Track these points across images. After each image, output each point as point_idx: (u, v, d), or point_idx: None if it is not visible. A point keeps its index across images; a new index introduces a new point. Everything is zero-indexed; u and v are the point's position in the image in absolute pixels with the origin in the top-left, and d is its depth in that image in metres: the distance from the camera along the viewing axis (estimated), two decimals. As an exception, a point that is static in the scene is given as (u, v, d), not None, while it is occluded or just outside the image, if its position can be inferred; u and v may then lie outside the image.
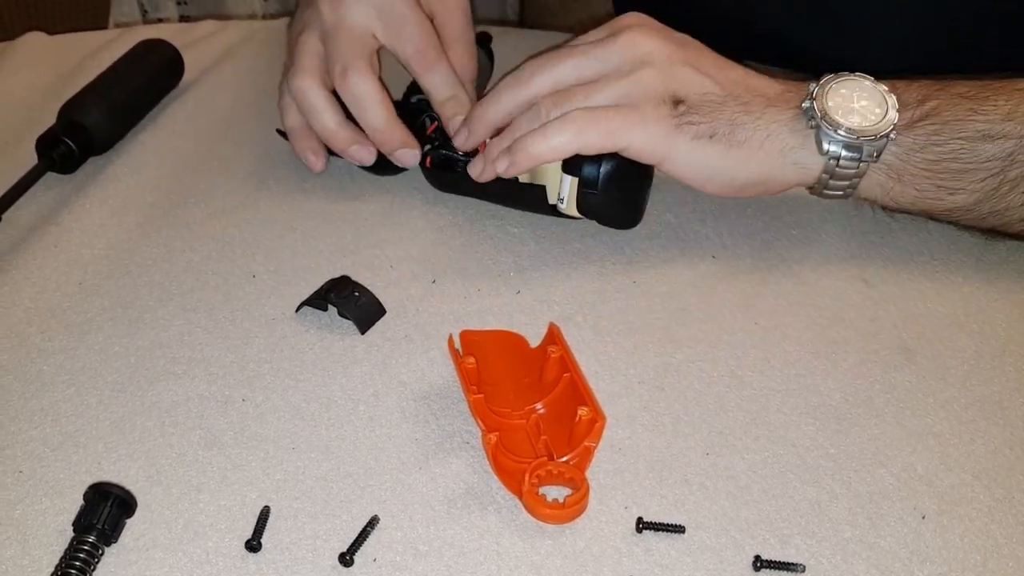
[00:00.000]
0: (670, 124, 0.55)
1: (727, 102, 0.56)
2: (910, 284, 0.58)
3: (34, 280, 0.57)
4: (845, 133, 0.54)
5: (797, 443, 0.48)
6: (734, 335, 0.54)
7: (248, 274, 0.58)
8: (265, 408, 0.50)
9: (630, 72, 0.56)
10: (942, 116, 0.55)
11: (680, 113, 0.55)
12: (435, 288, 0.57)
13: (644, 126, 0.55)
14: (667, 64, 0.56)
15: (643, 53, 0.56)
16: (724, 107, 0.56)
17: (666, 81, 0.56)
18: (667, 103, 0.55)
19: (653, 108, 0.55)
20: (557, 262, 0.59)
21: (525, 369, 0.52)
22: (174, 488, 0.46)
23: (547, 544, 0.44)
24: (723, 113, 0.55)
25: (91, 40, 0.81)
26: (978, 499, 0.46)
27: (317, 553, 0.43)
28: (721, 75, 0.57)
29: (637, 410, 0.50)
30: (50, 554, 0.42)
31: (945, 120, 0.55)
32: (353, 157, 0.63)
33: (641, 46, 0.57)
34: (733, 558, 0.43)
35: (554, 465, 0.45)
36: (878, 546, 0.44)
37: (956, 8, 0.74)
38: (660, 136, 0.55)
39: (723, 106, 0.56)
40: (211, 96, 0.74)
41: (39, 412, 0.49)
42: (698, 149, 0.55)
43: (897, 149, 0.55)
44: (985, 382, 0.52)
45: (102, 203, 0.63)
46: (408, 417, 0.49)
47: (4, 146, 0.68)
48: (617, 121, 0.55)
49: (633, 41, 0.57)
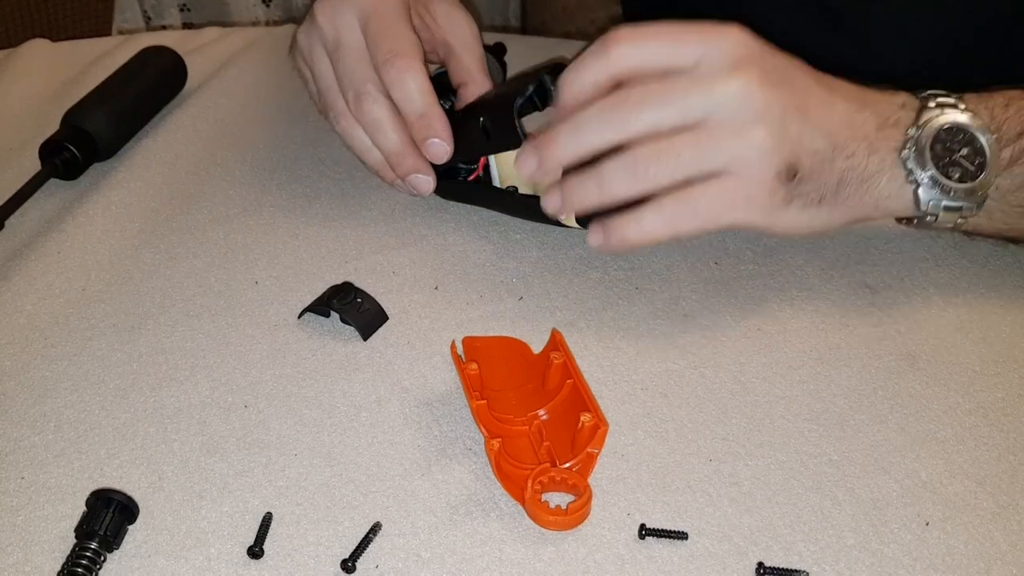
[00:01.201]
0: (780, 200, 0.51)
1: (835, 157, 0.52)
2: (914, 290, 0.58)
3: (37, 286, 0.57)
4: (944, 192, 0.52)
5: (800, 449, 0.48)
6: (737, 341, 0.54)
7: (251, 280, 0.58)
8: (267, 414, 0.50)
9: (741, 131, 0.49)
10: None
11: (793, 187, 0.51)
12: (438, 294, 0.57)
13: (751, 206, 0.50)
14: (780, 120, 0.50)
15: (757, 105, 0.49)
16: (832, 165, 0.52)
17: (780, 147, 0.50)
18: (781, 176, 0.50)
19: (765, 185, 0.50)
20: (560, 268, 0.59)
21: (528, 375, 0.52)
22: (176, 494, 0.46)
23: (550, 551, 0.44)
24: (832, 173, 0.52)
25: (94, 47, 0.81)
26: (982, 506, 0.46)
27: (319, 559, 0.43)
28: (828, 118, 0.52)
29: (640, 416, 0.50)
30: (52, 560, 0.42)
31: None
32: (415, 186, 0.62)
33: (755, 97, 0.49)
34: (736, 565, 0.43)
35: (557, 471, 0.45)
36: (881, 553, 0.44)
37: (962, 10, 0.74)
38: (767, 213, 0.51)
39: (831, 164, 0.52)
40: (214, 103, 0.74)
41: (41, 418, 0.49)
42: (804, 216, 0.52)
43: (994, 191, 0.53)
44: (989, 388, 0.52)
45: (105, 209, 0.63)
46: (410, 423, 0.49)
47: (8, 152, 0.68)
48: (721, 205, 0.50)
49: (746, 88, 0.49)
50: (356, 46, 0.61)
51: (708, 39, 0.51)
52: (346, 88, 0.61)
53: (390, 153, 0.61)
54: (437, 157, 0.60)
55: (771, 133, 0.50)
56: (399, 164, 0.61)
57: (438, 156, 0.60)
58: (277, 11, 1.89)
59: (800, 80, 0.52)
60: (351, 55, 0.61)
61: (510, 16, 1.77)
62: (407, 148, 0.61)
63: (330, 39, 0.62)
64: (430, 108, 0.60)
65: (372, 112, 0.60)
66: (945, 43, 0.77)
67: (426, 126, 0.60)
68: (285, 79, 0.78)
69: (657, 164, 0.50)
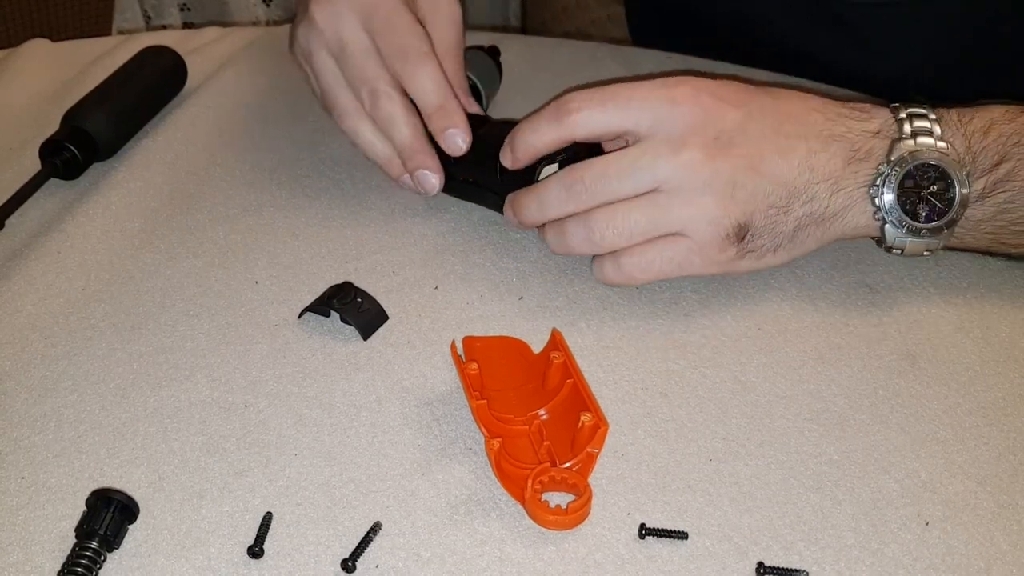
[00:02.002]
0: (732, 256, 0.54)
1: (791, 205, 0.53)
2: (914, 290, 0.58)
3: (37, 286, 0.57)
4: (911, 232, 0.53)
5: (800, 449, 0.48)
6: (737, 341, 0.54)
7: (251, 280, 0.58)
8: (267, 414, 0.50)
9: (689, 201, 0.52)
10: (1016, 181, 0.53)
11: (743, 245, 0.53)
12: (438, 294, 0.57)
13: (703, 263, 0.54)
14: (729, 185, 0.52)
15: (704, 176, 0.52)
16: (788, 214, 0.53)
17: (729, 210, 0.52)
18: (730, 238, 0.53)
19: (714, 245, 0.53)
20: (560, 268, 0.59)
21: (528, 375, 0.52)
22: (176, 494, 0.46)
23: (550, 550, 0.44)
24: (786, 223, 0.53)
25: (94, 47, 0.81)
26: (982, 505, 0.46)
27: (319, 559, 0.43)
28: (783, 168, 0.53)
29: (640, 416, 0.50)
30: (52, 560, 0.42)
31: (1020, 187, 0.53)
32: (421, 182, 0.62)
33: (702, 169, 0.52)
34: (736, 564, 0.43)
35: (557, 471, 0.45)
36: (881, 553, 0.44)
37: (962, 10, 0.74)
38: (720, 267, 0.54)
39: (787, 213, 0.53)
40: (214, 103, 0.74)
41: (41, 418, 0.49)
42: (760, 262, 0.55)
43: (964, 222, 0.54)
44: (989, 388, 0.52)
45: (105, 209, 0.63)
46: (411, 423, 0.49)
47: (8, 152, 0.68)
48: (674, 263, 0.53)
49: (692, 161, 0.52)
50: (362, 45, 0.61)
51: (657, 108, 0.53)
52: (358, 87, 0.61)
53: (404, 148, 0.61)
54: (454, 149, 0.60)
55: (718, 201, 0.52)
56: (411, 159, 0.61)
57: (455, 147, 0.60)
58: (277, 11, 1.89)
59: (754, 133, 0.53)
60: (358, 54, 0.61)
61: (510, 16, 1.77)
62: (420, 143, 0.61)
63: (332, 40, 0.62)
64: (447, 100, 0.60)
65: (387, 108, 0.60)
66: (945, 43, 0.77)
67: (444, 116, 0.60)
68: (285, 79, 0.78)
69: (612, 230, 0.53)
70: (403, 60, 0.60)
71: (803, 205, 0.53)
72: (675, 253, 0.53)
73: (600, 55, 0.82)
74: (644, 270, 0.54)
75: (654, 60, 0.80)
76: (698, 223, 0.52)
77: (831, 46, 0.79)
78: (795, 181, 0.53)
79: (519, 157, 0.57)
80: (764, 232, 0.53)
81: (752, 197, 0.52)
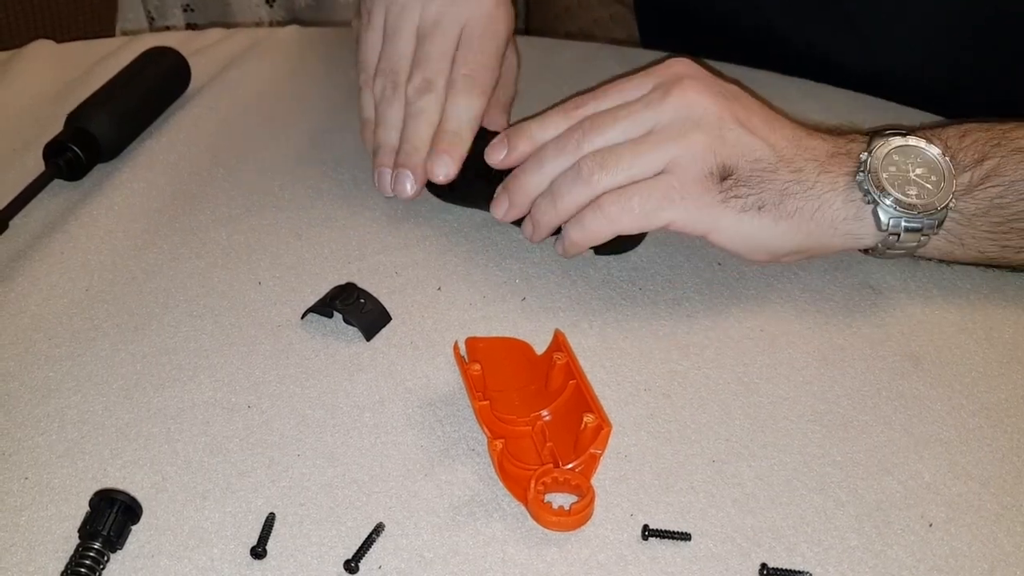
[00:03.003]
0: (715, 199, 0.53)
1: (778, 168, 0.54)
2: (917, 291, 0.58)
3: (41, 287, 0.57)
4: (904, 209, 0.52)
5: (803, 450, 0.48)
6: (740, 342, 0.54)
7: (254, 281, 0.58)
8: (270, 415, 0.50)
9: (679, 136, 0.53)
10: (1004, 176, 0.53)
11: (727, 187, 0.53)
12: (441, 295, 0.57)
13: (685, 203, 0.53)
14: (718, 127, 0.53)
15: (695, 113, 0.54)
16: (775, 175, 0.53)
17: (716, 147, 0.53)
18: (714, 176, 0.53)
19: (698, 182, 0.53)
20: (563, 269, 0.59)
21: (531, 376, 0.52)
22: (179, 495, 0.46)
23: (552, 551, 0.44)
24: (774, 182, 0.53)
25: (98, 48, 0.81)
26: (985, 507, 0.46)
27: (322, 560, 0.43)
28: (774, 135, 0.55)
29: (643, 417, 0.50)
30: (56, 560, 0.43)
31: (1009, 181, 0.53)
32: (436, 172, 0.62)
33: (694, 105, 0.54)
34: (739, 566, 0.43)
35: (560, 472, 0.45)
36: (885, 554, 0.44)
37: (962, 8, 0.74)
38: (703, 212, 0.53)
39: (774, 174, 0.53)
40: (217, 104, 0.74)
41: (45, 418, 0.49)
42: (744, 221, 0.53)
43: (957, 215, 0.53)
44: (992, 389, 0.52)
45: (108, 210, 0.63)
46: (413, 424, 0.49)
47: (11, 153, 0.68)
48: (655, 199, 0.53)
49: (685, 99, 0.54)
50: (451, 42, 0.62)
51: (654, 71, 0.56)
52: (419, 68, 0.62)
53: (410, 144, 0.61)
54: (435, 174, 0.61)
55: (706, 135, 0.53)
56: (409, 157, 0.61)
57: (437, 174, 0.61)
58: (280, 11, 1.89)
59: (746, 100, 0.56)
60: (440, 49, 0.62)
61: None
62: (425, 149, 0.61)
63: (430, 20, 0.62)
64: (466, 135, 0.61)
65: (427, 102, 0.61)
66: (946, 42, 0.77)
67: (451, 144, 0.61)
68: (289, 80, 0.78)
69: (601, 170, 0.54)
70: (468, 80, 0.61)
71: (791, 173, 0.54)
72: (655, 189, 0.53)
73: (603, 56, 0.82)
74: (626, 209, 0.54)
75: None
76: (683, 157, 0.53)
77: (834, 45, 0.79)
78: (783, 149, 0.54)
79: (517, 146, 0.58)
80: (749, 182, 0.53)
81: (739, 145, 0.53)
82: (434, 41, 0.62)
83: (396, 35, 0.63)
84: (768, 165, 0.54)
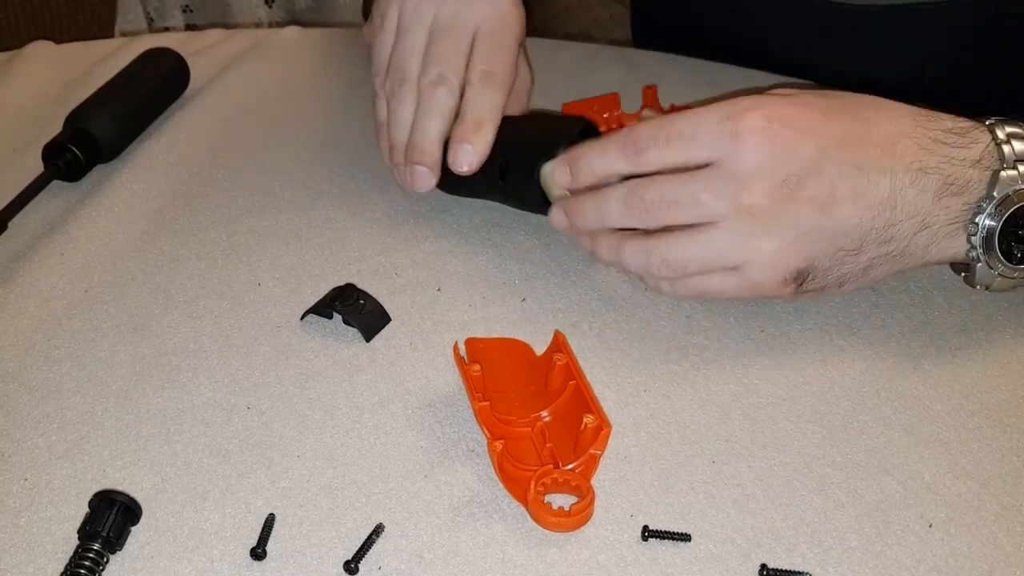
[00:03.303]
0: (789, 295, 0.53)
1: (864, 247, 0.50)
2: (917, 292, 0.58)
3: (40, 288, 0.57)
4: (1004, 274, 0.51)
5: (803, 451, 0.48)
6: (740, 343, 0.54)
7: (253, 282, 0.58)
8: (270, 416, 0.50)
9: (747, 242, 0.50)
10: None
11: (802, 288, 0.52)
12: (440, 296, 0.57)
13: (758, 297, 0.54)
14: (791, 231, 0.50)
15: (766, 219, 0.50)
16: (859, 255, 0.51)
17: (789, 255, 0.50)
18: (788, 282, 0.51)
19: (770, 288, 0.52)
20: (563, 270, 0.59)
21: (531, 377, 0.52)
22: (179, 496, 0.46)
23: (552, 552, 0.44)
24: (857, 263, 0.51)
25: (97, 49, 0.81)
26: (985, 507, 0.46)
27: (322, 561, 0.43)
28: (861, 206, 0.49)
29: (643, 418, 0.50)
30: (55, 562, 0.42)
31: None
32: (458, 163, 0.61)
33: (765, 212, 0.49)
34: (739, 567, 0.43)
35: (560, 473, 0.45)
36: (884, 555, 0.44)
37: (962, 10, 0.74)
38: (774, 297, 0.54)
39: (858, 254, 0.50)
40: (217, 104, 0.74)
41: (44, 419, 0.49)
42: (821, 296, 0.54)
43: None
44: (993, 390, 0.52)
45: (108, 211, 0.63)
46: (413, 425, 0.49)
47: (11, 154, 0.68)
48: (727, 295, 0.53)
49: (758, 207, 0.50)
50: (465, 41, 0.61)
51: (722, 145, 0.50)
52: (431, 64, 0.61)
53: (426, 139, 0.61)
54: (457, 163, 0.60)
55: (778, 246, 0.50)
56: (425, 153, 0.61)
57: (460, 163, 0.60)
58: (280, 12, 1.89)
59: (829, 170, 0.49)
60: (455, 46, 0.61)
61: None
62: (439, 145, 0.61)
63: (444, 19, 0.62)
64: (489, 126, 0.60)
65: (441, 97, 0.60)
66: (946, 45, 0.77)
67: (474, 133, 0.59)
68: (288, 81, 0.78)
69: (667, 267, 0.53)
70: (486, 77, 0.61)
71: (878, 246, 0.50)
72: (728, 287, 0.53)
73: (602, 56, 0.82)
74: (698, 296, 0.55)
75: (656, 61, 0.80)
76: (754, 265, 0.51)
77: (831, 49, 0.79)
78: (872, 223, 0.50)
79: (580, 180, 0.55)
80: (829, 272, 0.51)
81: (818, 242, 0.50)
82: (448, 38, 0.61)
83: (408, 33, 0.63)
84: (851, 249, 0.50)
